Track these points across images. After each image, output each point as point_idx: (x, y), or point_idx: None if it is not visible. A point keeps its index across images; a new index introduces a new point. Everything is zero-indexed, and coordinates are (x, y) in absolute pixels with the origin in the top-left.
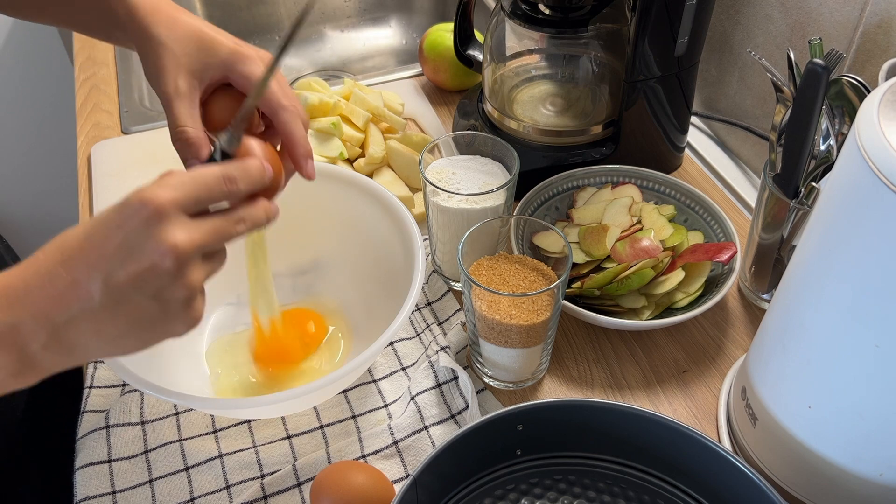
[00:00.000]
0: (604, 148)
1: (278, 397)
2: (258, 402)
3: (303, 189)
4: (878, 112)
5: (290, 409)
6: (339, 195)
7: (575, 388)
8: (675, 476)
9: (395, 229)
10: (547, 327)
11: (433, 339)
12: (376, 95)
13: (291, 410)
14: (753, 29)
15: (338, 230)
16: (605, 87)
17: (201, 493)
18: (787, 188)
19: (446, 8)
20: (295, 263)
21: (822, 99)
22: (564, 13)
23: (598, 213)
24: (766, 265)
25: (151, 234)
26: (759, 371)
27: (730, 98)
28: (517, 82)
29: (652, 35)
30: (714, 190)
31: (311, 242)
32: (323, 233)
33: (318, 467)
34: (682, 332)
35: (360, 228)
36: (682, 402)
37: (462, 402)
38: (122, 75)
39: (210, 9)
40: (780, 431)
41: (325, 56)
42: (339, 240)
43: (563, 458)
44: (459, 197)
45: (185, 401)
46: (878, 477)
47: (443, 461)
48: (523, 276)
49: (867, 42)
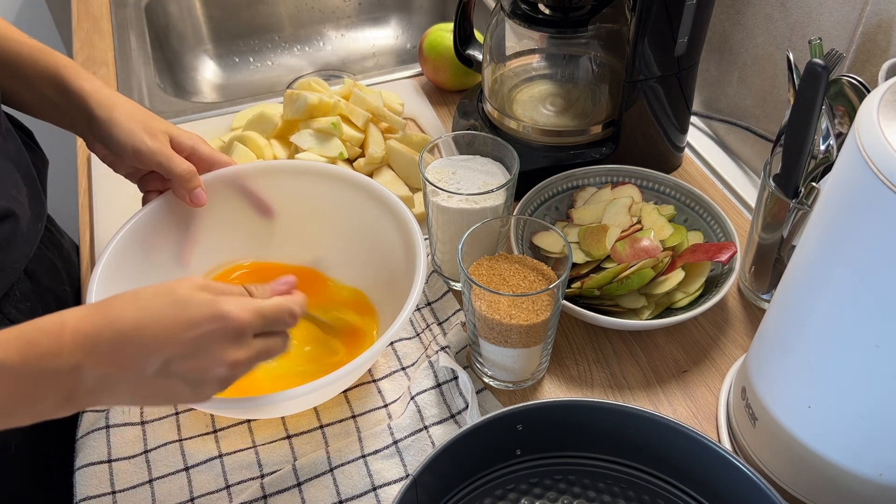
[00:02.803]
0: (604, 148)
1: (277, 398)
2: (257, 402)
3: (304, 189)
4: (878, 112)
5: (290, 410)
6: (341, 195)
7: (575, 388)
8: (675, 476)
9: (397, 230)
10: (547, 327)
11: (433, 339)
12: (376, 95)
13: (291, 411)
14: (753, 29)
15: (339, 230)
16: (604, 87)
17: (201, 493)
18: (787, 188)
19: (446, 8)
20: (296, 262)
21: (821, 99)
22: (564, 13)
23: (598, 213)
24: (766, 265)
25: (219, 346)
26: (759, 371)
27: (730, 98)
28: (517, 82)
29: (652, 35)
30: (714, 190)
31: (312, 241)
32: (324, 232)
33: (319, 467)
34: (682, 332)
35: (362, 228)
36: (682, 402)
37: (462, 402)
38: (121, 75)
39: (210, 9)
40: (780, 431)
41: (325, 56)
42: (340, 239)
43: (563, 458)
44: (459, 197)
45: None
46: (878, 477)
47: (443, 461)
48: (523, 276)
49: (867, 42)
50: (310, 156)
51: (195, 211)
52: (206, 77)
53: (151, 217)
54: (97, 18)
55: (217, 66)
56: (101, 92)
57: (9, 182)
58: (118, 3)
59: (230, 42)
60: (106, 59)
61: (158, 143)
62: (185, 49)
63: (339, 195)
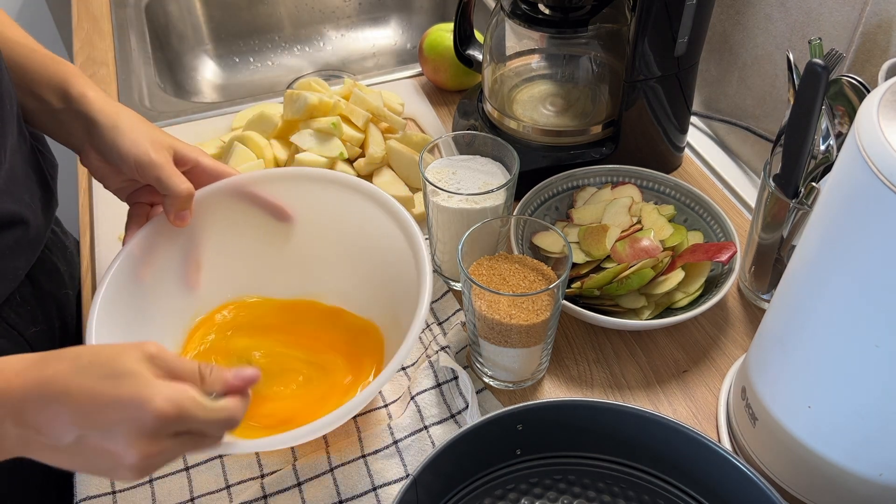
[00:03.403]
0: (604, 148)
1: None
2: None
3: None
4: (878, 112)
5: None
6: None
7: (575, 388)
8: (675, 476)
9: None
10: (547, 327)
11: (433, 339)
12: (376, 95)
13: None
14: (753, 29)
15: (341, 237)
16: (604, 87)
17: (201, 493)
18: (787, 188)
19: (446, 8)
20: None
21: (821, 99)
22: (564, 13)
23: (598, 213)
24: (766, 265)
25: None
26: (759, 371)
27: (730, 98)
28: (517, 82)
29: (652, 35)
30: (714, 190)
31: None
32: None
33: (319, 467)
34: (682, 332)
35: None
36: (682, 402)
37: (462, 402)
38: (121, 75)
39: (210, 9)
40: (780, 431)
41: (325, 56)
42: (342, 247)
43: (563, 458)
44: (459, 197)
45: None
46: (877, 477)
47: (443, 461)
48: (523, 276)
49: (867, 42)
50: (310, 156)
51: (193, 230)
52: (207, 77)
53: (147, 243)
54: (97, 18)
55: (217, 66)
56: (106, 101)
57: (24, 187)
58: (118, 3)
59: (230, 42)
60: (106, 59)
61: (162, 157)
62: (186, 49)
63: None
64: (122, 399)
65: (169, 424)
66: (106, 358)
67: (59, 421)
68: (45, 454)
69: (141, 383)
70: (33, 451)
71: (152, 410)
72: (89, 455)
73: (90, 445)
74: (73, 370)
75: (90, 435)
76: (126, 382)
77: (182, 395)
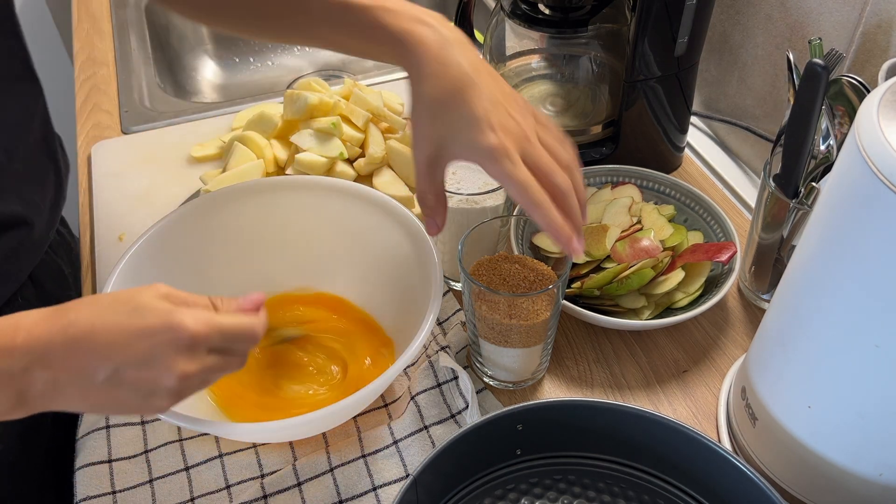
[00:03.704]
0: (604, 148)
1: (284, 425)
2: (266, 428)
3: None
4: (878, 112)
5: (298, 435)
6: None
7: (575, 388)
8: (675, 476)
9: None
10: (547, 327)
11: (433, 338)
12: (376, 95)
13: (300, 436)
14: (753, 29)
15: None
16: (604, 87)
17: (201, 493)
18: (787, 188)
19: (446, 8)
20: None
21: (821, 99)
22: (564, 13)
23: (598, 213)
24: (766, 265)
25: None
26: (759, 371)
27: (730, 98)
28: (517, 82)
29: (652, 35)
30: (714, 190)
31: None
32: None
33: (319, 467)
34: (682, 332)
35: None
36: (682, 402)
37: (462, 402)
38: (122, 75)
39: None
40: (779, 431)
41: (325, 56)
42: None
43: (563, 458)
44: (459, 197)
45: (192, 424)
46: (877, 477)
47: (443, 461)
48: (523, 276)
49: (867, 42)
50: (310, 156)
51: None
52: (207, 77)
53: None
54: (97, 18)
55: (217, 66)
56: None
57: (36, 185)
58: (118, 3)
59: (230, 42)
60: (106, 59)
61: None
62: (185, 49)
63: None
64: (154, 327)
65: (203, 340)
66: (125, 297)
67: (90, 359)
68: (76, 396)
69: (166, 311)
70: (64, 395)
71: (186, 329)
72: (125, 388)
73: (127, 377)
74: (94, 312)
75: (125, 367)
76: (151, 314)
77: (207, 315)
